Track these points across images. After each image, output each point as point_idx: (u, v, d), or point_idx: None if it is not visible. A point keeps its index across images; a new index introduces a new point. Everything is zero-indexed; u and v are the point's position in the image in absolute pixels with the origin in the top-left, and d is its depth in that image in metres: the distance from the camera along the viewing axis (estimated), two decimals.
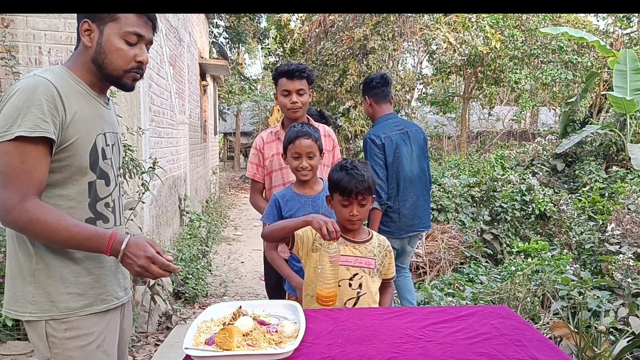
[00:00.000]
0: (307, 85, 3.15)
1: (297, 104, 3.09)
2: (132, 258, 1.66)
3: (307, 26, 14.15)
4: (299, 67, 3.10)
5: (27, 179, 1.58)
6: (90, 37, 1.75)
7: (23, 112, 1.57)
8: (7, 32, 4.43)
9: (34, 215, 1.57)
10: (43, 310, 1.68)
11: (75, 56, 1.80)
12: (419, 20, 12.77)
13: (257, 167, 3.27)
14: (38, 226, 1.58)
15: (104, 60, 1.75)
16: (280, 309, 1.99)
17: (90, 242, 1.65)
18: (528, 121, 24.12)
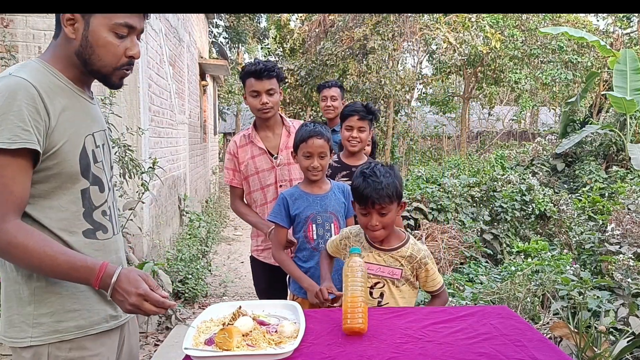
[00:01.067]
0: (277, 84, 3.00)
1: (267, 105, 2.94)
2: (123, 295, 1.49)
3: (306, 26, 14.16)
4: (267, 66, 2.94)
5: (6, 197, 1.40)
6: (73, 27, 1.53)
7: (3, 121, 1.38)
8: (7, 32, 4.42)
9: (14, 238, 1.39)
10: (47, 332, 1.51)
11: (55, 47, 1.59)
12: (418, 20, 12.77)
13: (234, 172, 3.14)
14: (18, 250, 1.40)
15: (91, 55, 1.55)
16: (280, 309, 1.99)
17: (77, 273, 1.47)
18: (528, 121, 24.11)
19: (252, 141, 3.06)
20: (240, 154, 3.09)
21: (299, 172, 2.92)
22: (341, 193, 2.77)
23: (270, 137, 3.09)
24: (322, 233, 2.69)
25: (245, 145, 3.09)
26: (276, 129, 3.11)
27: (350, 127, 3.10)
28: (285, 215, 2.68)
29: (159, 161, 4.78)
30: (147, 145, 5.21)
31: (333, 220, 2.70)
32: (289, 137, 3.03)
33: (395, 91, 12.31)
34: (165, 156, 6.39)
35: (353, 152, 3.13)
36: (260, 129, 3.09)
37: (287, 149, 2.98)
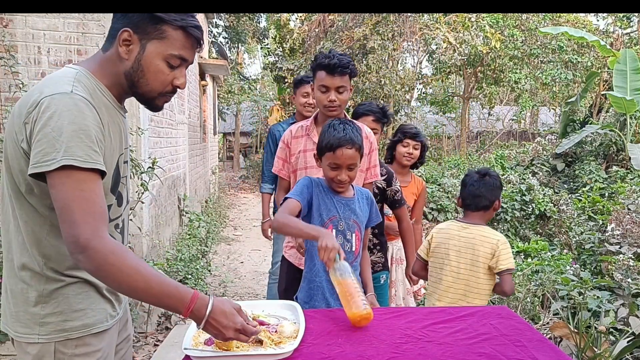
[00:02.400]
0: (349, 81, 2.78)
1: (335, 103, 2.73)
2: (219, 329, 1.48)
3: (306, 26, 14.15)
4: (341, 62, 2.69)
5: (94, 209, 1.39)
6: (128, 49, 1.54)
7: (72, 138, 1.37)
8: (6, 31, 4.42)
9: (111, 255, 1.37)
10: (55, 331, 1.52)
11: (103, 61, 1.58)
12: (418, 20, 12.77)
13: (284, 162, 2.94)
14: (114, 269, 1.38)
15: (140, 79, 1.57)
16: (279, 309, 1.98)
17: (169, 300, 1.45)
18: (528, 121, 24.13)
19: (309, 134, 2.86)
20: (293, 145, 2.90)
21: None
22: (365, 200, 2.49)
23: None
24: (342, 242, 2.34)
25: (301, 137, 2.90)
26: None
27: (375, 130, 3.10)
28: (307, 200, 2.34)
29: (159, 161, 4.78)
30: (146, 145, 5.21)
31: (355, 230, 2.39)
32: None
33: (395, 91, 12.31)
34: (164, 156, 6.38)
35: None
36: (320, 124, 2.82)
37: None
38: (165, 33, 1.53)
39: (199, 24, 1.60)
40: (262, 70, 25.99)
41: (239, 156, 25.30)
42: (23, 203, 1.50)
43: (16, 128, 1.45)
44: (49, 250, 1.52)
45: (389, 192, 3.21)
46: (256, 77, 27.20)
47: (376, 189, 3.10)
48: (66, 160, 1.36)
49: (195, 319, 1.49)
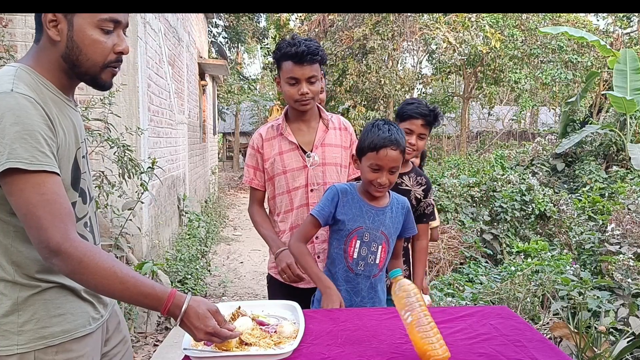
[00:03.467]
0: (320, 69, 2.48)
1: (307, 95, 2.43)
2: (192, 329, 1.49)
3: (306, 26, 14.15)
4: (309, 48, 2.38)
5: (60, 211, 1.35)
6: (57, 29, 1.44)
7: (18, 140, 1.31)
8: (6, 31, 4.42)
9: (85, 258, 1.35)
10: (33, 339, 1.46)
11: (37, 52, 1.49)
12: (418, 20, 12.77)
13: (255, 170, 2.63)
14: (88, 271, 1.36)
15: (79, 56, 1.46)
16: (279, 309, 1.98)
17: (145, 299, 1.45)
18: (528, 121, 24.14)
19: (282, 134, 2.56)
20: (265, 149, 2.58)
21: (336, 175, 2.55)
22: (400, 209, 2.36)
23: (304, 130, 2.59)
24: (365, 254, 2.26)
25: (273, 139, 2.58)
26: (312, 121, 2.60)
27: (411, 130, 2.66)
28: (329, 213, 2.27)
29: (158, 161, 4.78)
30: (146, 145, 5.21)
31: (382, 242, 2.29)
32: (326, 132, 2.58)
33: (395, 91, 12.31)
34: (164, 156, 6.38)
35: (406, 160, 2.71)
36: (293, 121, 2.59)
37: (324, 147, 2.56)
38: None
39: None
40: (261, 70, 25.96)
41: (238, 156, 25.31)
42: None
43: None
44: (17, 257, 1.45)
45: (423, 204, 2.80)
46: (256, 77, 27.22)
47: (414, 200, 2.73)
48: (11, 163, 1.30)
49: (172, 317, 1.50)
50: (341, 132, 2.63)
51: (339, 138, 2.60)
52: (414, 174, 2.78)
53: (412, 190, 2.74)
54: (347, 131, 2.65)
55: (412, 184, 2.75)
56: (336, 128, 2.62)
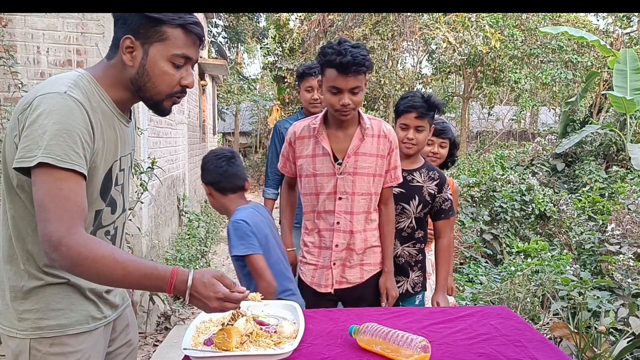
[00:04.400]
0: (365, 78, 2.38)
1: (349, 106, 2.34)
2: (203, 300, 1.47)
3: (306, 25, 14.15)
4: (355, 59, 2.26)
5: (71, 207, 1.38)
6: (132, 55, 1.53)
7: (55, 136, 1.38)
8: (6, 31, 4.41)
9: (84, 249, 1.37)
10: (29, 328, 1.52)
11: (108, 68, 1.58)
12: (418, 20, 12.77)
13: (286, 161, 2.61)
14: (88, 262, 1.37)
15: (147, 83, 1.56)
16: (279, 310, 1.98)
17: (148, 281, 1.44)
18: (528, 121, 24.12)
19: (316, 136, 2.47)
20: (297, 146, 2.53)
21: (366, 185, 2.46)
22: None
23: (340, 137, 2.49)
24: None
25: (307, 139, 2.52)
26: (350, 128, 2.48)
27: (406, 125, 2.65)
28: None
29: (158, 161, 4.78)
30: (145, 145, 5.21)
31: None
32: (362, 140, 2.46)
33: (395, 91, 12.31)
34: (164, 156, 6.38)
35: (408, 154, 2.70)
36: (331, 125, 2.49)
37: (357, 156, 2.45)
38: (165, 34, 1.52)
39: (198, 20, 1.59)
40: (261, 70, 25.94)
41: None
42: (14, 198, 1.51)
43: (12, 124, 1.46)
44: (32, 247, 1.51)
45: (439, 199, 2.73)
46: (256, 77, 27.23)
47: (428, 196, 2.69)
48: (43, 158, 1.36)
49: (179, 294, 1.48)
50: (379, 139, 2.49)
51: (375, 146, 2.48)
52: (425, 169, 2.74)
53: (424, 186, 2.70)
54: (387, 139, 2.51)
55: (424, 180, 2.71)
56: (374, 135, 2.49)
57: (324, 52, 2.35)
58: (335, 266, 2.52)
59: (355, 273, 2.53)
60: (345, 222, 2.48)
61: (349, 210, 2.47)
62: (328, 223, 2.50)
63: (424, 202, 2.68)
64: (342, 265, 2.52)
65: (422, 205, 2.69)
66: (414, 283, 2.74)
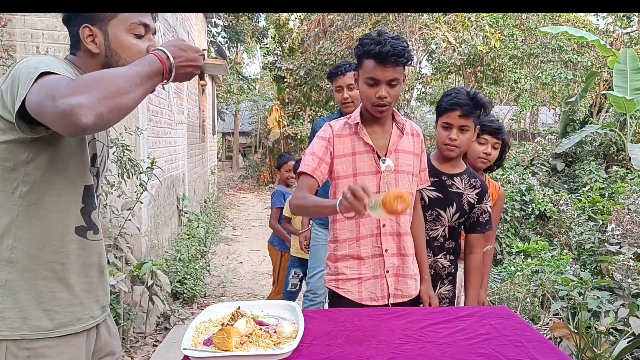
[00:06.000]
0: (403, 71, 2.26)
1: (385, 99, 2.21)
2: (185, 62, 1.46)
3: (305, 25, 14.15)
4: (395, 49, 2.14)
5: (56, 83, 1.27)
6: (95, 42, 1.54)
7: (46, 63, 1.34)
8: (5, 31, 4.41)
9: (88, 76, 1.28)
10: (12, 328, 1.43)
11: (77, 63, 1.57)
12: (418, 20, 12.76)
13: (321, 162, 2.30)
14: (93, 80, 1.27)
15: (118, 62, 1.54)
16: (279, 310, 1.98)
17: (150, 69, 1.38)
18: (528, 121, 24.12)
19: (358, 133, 2.32)
20: (336, 145, 2.32)
21: (408, 184, 2.33)
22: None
23: (379, 134, 2.35)
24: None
25: (347, 137, 2.34)
26: (386, 124, 2.37)
27: (449, 124, 2.42)
28: None
29: (158, 161, 4.77)
30: (145, 145, 5.20)
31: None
32: (400, 137, 2.35)
33: None
34: (163, 156, 6.37)
35: (449, 157, 2.48)
36: (367, 122, 2.35)
37: (397, 153, 2.33)
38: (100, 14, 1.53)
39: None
40: (261, 69, 25.96)
41: (238, 156, 25.33)
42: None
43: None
44: (21, 233, 1.45)
45: (477, 210, 2.52)
46: (255, 76, 27.23)
47: (466, 205, 2.50)
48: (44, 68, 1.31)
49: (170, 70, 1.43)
50: (413, 138, 2.40)
51: (411, 144, 2.38)
52: (467, 175, 2.53)
53: (464, 194, 2.49)
54: (419, 137, 2.42)
55: (465, 187, 2.50)
56: (409, 133, 2.39)
57: (362, 42, 2.24)
58: (389, 274, 2.30)
59: (410, 285, 2.33)
60: (391, 224, 2.30)
61: None
62: (371, 228, 2.30)
63: (461, 211, 2.47)
64: (395, 275, 2.31)
65: (459, 214, 2.48)
66: (440, 297, 2.52)
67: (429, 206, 2.46)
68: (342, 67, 3.53)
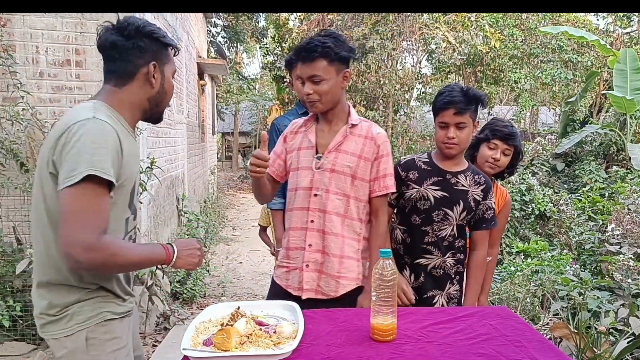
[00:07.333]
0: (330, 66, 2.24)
1: (311, 96, 2.26)
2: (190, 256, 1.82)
3: (305, 25, 14.13)
4: (308, 45, 2.22)
5: (100, 217, 1.58)
6: (155, 79, 1.82)
7: (95, 153, 1.58)
8: (4, 31, 4.40)
9: (114, 248, 1.59)
10: (88, 317, 1.73)
11: (122, 95, 1.80)
12: (418, 20, 12.75)
13: (276, 158, 2.50)
14: (118, 258, 1.59)
15: (163, 99, 1.88)
16: (278, 310, 1.97)
17: (154, 257, 1.73)
18: (528, 121, 24.10)
19: (306, 130, 2.44)
20: (289, 141, 2.49)
21: (342, 185, 2.34)
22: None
23: (326, 132, 2.41)
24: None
25: (300, 133, 2.47)
26: (336, 124, 2.40)
27: (445, 123, 2.39)
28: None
29: (157, 161, 4.77)
30: (145, 145, 5.19)
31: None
32: (345, 137, 2.36)
33: (395, 91, 12.29)
34: (163, 156, 6.37)
35: (450, 155, 2.45)
36: (321, 119, 2.44)
37: (338, 152, 2.35)
38: (169, 55, 1.87)
39: None
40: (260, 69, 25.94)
41: (237, 156, 25.30)
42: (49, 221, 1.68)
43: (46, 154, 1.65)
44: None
45: (482, 207, 2.49)
46: (255, 76, 27.21)
47: (472, 202, 2.46)
48: (89, 171, 1.54)
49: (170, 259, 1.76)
50: (365, 140, 2.37)
51: (359, 147, 2.35)
52: (471, 172, 2.50)
53: (470, 191, 2.45)
54: (374, 142, 2.37)
55: (470, 184, 2.46)
56: (361, 136, 2.37)
57: None
58: (309, 269, 2.36)
59: (331, 284, 2.34)
60: (319, 221, 2.35)
61: (323, 208, 2.34)
62: (302, 221, 2.39)
63: (468, 209, 2.44)
64: (317, 271, 2.36)
65: (466, 212, 2.44)
66: (448, 297, 2.49)
67: (435, 206, 2.42)
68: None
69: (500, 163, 2.78)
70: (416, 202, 2.44)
